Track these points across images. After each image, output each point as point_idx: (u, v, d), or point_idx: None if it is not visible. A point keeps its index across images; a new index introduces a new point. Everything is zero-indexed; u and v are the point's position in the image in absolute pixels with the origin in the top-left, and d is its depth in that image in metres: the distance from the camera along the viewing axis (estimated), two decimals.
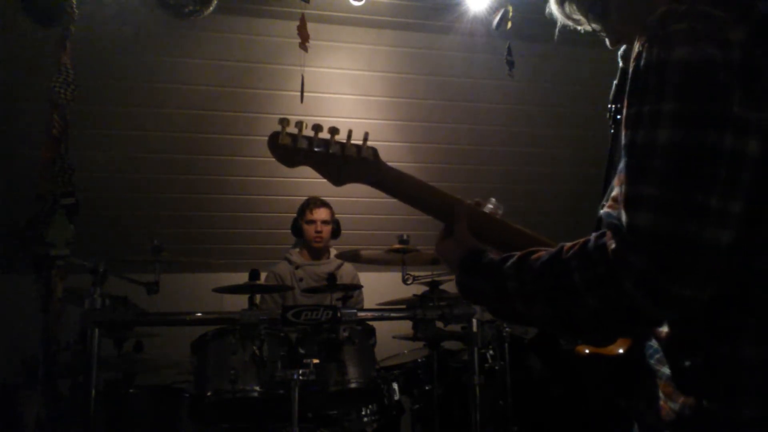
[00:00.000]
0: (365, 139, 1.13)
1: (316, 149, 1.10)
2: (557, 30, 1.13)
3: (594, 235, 0.85)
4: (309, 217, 3.81)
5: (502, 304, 0.96)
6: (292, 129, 1.09)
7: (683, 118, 0.79)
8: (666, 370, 0.90)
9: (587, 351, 1.13)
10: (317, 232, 3.80)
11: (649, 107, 0.81)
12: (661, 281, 0.77)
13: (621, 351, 1.02)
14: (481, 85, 4.40)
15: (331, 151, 1.10)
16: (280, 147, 1.09)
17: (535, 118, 4.63)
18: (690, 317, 0.85)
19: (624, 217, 0.80)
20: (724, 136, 0.78)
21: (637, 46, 0.86)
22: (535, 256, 0.92)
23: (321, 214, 3.80)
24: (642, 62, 0.83)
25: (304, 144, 1.09)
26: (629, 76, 0.86)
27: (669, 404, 0.88)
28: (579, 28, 1.09)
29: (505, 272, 0.94)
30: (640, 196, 0.80)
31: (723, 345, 0.84)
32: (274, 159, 1.11)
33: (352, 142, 1.12)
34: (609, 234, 0.82)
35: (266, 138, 1.10)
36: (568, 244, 0.88)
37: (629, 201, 0.81)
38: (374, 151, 1.14)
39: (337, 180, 1.13)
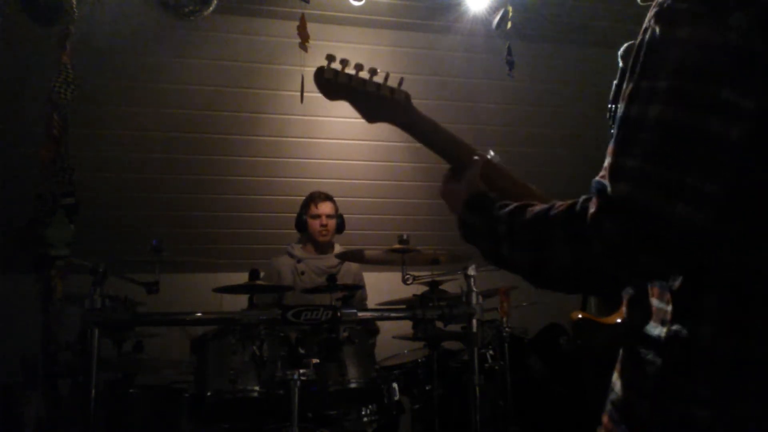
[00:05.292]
0: (400, 83, 1.24)
1: (354, 85, 1.20)
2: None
3: (583, 197, 0.89)
4: (314, 211, 3.80)
5: (491, 244, 1.01)
6: (336, 65, 1.19)
7: (674, 97, 0.81)
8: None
9: (580, 316, 1.15)
10: (322, 225, 3.78)
11: (646, 83, 0.84)
12: (627, 249, 0.81)
13: (619, 321, 1.03)
14: (481, 85, 4.40)
15: (367, 89, 1.21)
16: (324, 80, 1.19)
17: (535, 117, 4.63)
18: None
19: (608, 186, 0.84)
20: (711, 119, 0.79)
21: (645, 22, 0.88)
22: (530, 208, 0.97)
23: (325, 208, 3.80)
24: (646, 38, 0.86)
25: (344, 80, 1.20)
26: (635, 47, 0.88)
27: (640, 377, 0.90)
28: None
29: (501, 216, 1.00)
30: (624, 166, 0.83)
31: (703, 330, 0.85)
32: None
33: (388, 84, 1.23)
34: (594, 199, 0.86)
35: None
36: (560, 202, 0.93)
37: (613, 170, 0.84)
38: (407, 95, 1.24)
39: (370, 116, 1.24)
